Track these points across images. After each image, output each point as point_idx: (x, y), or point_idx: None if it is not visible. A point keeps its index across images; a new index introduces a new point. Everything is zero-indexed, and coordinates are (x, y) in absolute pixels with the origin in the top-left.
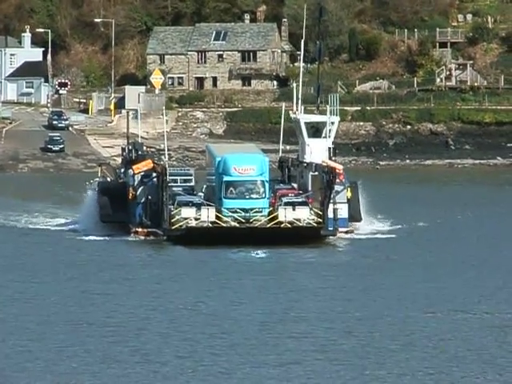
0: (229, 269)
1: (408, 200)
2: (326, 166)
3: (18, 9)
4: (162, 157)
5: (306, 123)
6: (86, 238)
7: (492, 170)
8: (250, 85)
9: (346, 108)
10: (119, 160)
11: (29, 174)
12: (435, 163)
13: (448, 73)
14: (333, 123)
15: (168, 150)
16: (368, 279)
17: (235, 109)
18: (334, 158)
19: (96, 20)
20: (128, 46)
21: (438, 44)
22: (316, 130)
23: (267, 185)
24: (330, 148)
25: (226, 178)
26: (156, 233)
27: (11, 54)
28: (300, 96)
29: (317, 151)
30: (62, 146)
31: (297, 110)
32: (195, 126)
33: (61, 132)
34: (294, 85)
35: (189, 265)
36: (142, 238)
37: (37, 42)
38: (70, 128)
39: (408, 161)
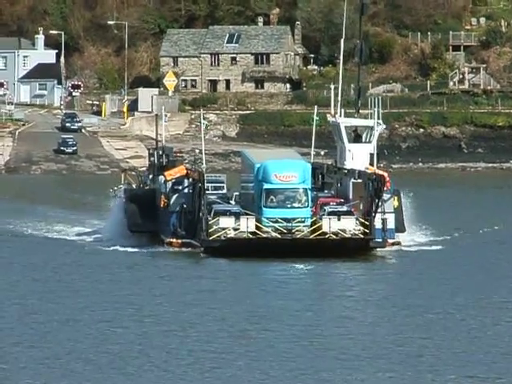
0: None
1: (437, 206)
2: (374, 173)
3: (32, 10)
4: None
5: (346, 127)
6: (114, 249)
7: (505, 173)
8: (262, 87)
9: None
10: (132, 162)
11: (41, 175)
12: (448, 166)
13: (461, 76)
14: (376, 128)
15: (181, 152)
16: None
17: (248, 111)
18: (380, 164)
19: (109, 22)
20: (141, 49)
21: (451, 47)
22: (357, 135)
23: (310, 193)
24: (372, 154)
25: (266, 186)
26: (191, 244)
27: (24, 56)
28: (340, 98)
29: (358, 157)
30: (74, 148)
31: (336, 113)
32: (208, 128)
33: (74, 134)
34: (332, 87)
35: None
36: (177, 249)
37: (50, 43)
38: (83, 130)
39: (421, 164)
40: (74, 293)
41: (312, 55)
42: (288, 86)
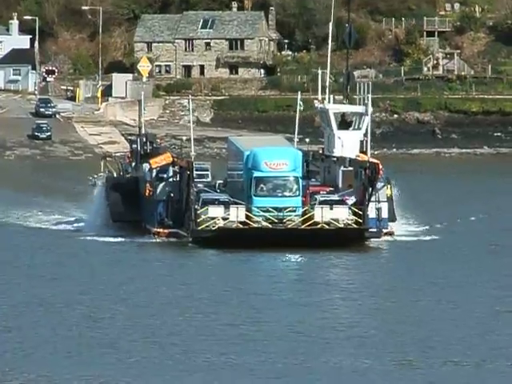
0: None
1: (421, 193)
2: (367, 161)
3: None
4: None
5: (335, 114)
6: (98, 240)
7: (479, 159)
8: (237, 73)
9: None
10: (106, 147)
11: (16, 161)
12: (422, 152)
13: (435, 62)
14: (367, 114)
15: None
16: None
17: (222, 97)
18: (373, 152)
19: (84, 7)
20: (115, 34)
21: (425, 33)
22: (344, 122)
23: (301, 181)
24: (362, 141)
25: (256, 174)
26: (178, 234)
27: None
28: (328, 84)
29: (348, 144)
30: (49, 133)
31: (324, 99)
32: (182, 114)
33: (48, 119)
34: (320, 72)
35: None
36: (164, 239)
37: (24, 29)
38: (57, 115)
39: (395, 150)
40: (51, 279)
41: (286, 41)
42: (262, 71)
